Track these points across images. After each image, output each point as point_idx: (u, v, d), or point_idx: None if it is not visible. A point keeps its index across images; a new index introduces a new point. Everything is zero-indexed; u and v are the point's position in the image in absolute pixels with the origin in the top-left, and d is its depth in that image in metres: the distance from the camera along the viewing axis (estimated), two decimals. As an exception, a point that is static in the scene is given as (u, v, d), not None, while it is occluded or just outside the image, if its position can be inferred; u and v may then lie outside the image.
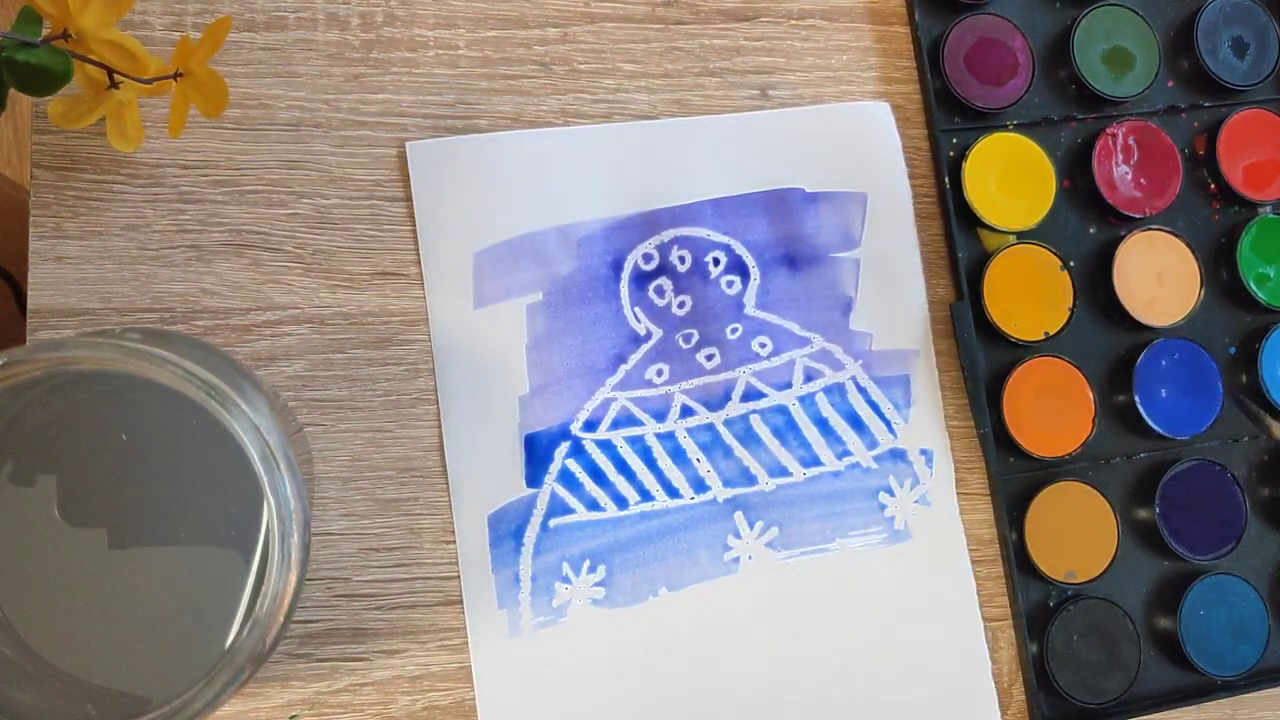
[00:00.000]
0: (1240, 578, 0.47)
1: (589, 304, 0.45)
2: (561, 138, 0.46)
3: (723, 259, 0.46)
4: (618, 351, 0.45)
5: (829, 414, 0.46)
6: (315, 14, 0.45)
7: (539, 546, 0.43)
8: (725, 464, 0.45)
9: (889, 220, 0.48)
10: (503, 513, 0.43)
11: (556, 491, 0.44)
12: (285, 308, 0.44)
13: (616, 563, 0.44)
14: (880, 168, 0.48)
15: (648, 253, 0.46)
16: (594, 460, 0.44)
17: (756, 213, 0.47)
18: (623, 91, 0.47)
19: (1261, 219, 0.50)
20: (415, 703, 0.42)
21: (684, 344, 0.46)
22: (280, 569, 0.31)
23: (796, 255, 0.47)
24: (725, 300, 0.46)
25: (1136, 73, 0.50)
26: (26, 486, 0.33)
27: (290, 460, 0.32)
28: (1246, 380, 0.49)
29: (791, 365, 0.46)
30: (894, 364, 0.47)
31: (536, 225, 0.45)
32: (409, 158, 0.45)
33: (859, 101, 0.49)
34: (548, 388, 0.45)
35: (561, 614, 0.43)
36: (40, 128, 0.43)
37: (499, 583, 0.43)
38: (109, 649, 0.33)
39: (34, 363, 0.31)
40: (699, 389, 0.46)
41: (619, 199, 0.46)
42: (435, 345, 0.44)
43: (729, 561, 0.45)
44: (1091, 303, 0.49)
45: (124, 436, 0.33)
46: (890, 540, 0.46)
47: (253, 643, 0.31)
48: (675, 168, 0.47)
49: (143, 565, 0.33)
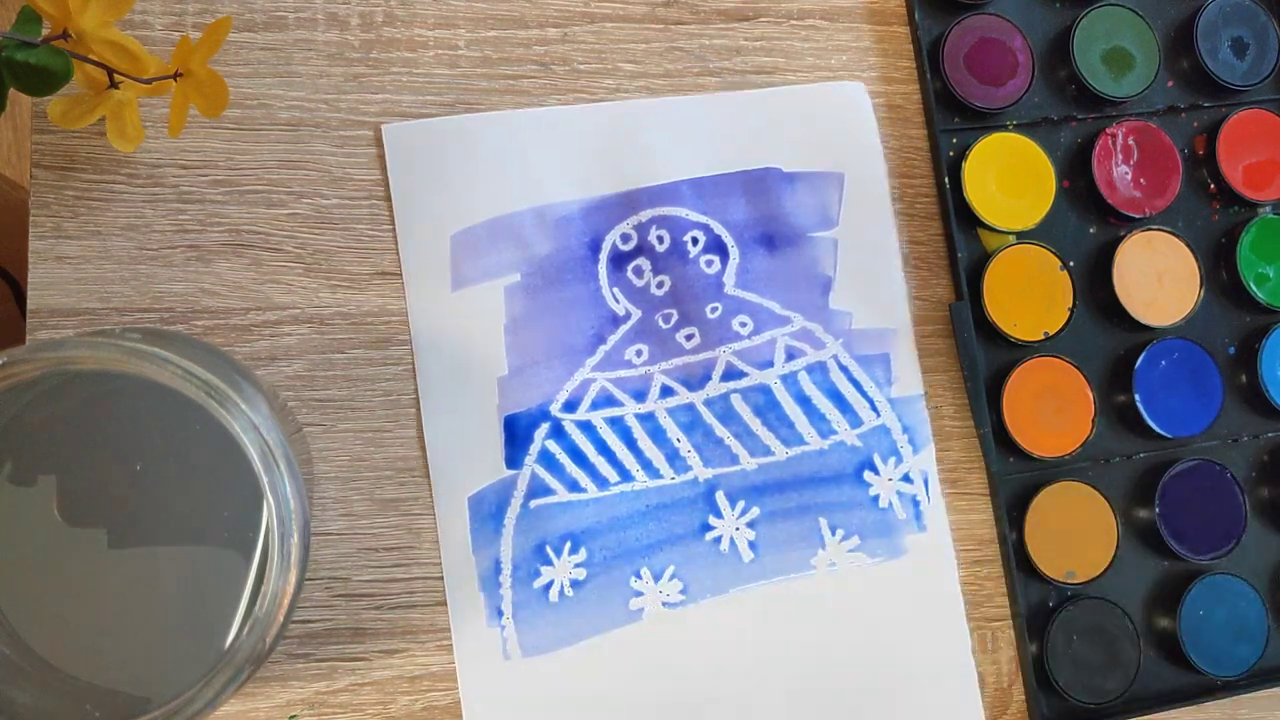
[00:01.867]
0: (1240, 578, 0.47)
1: (567, 285, 0.45)
2: (538, 119, 0.46)
3: (701, 238, 0.46)
4: (596, 332, 0.45)
5: (812, 392, 0.46)
6: (315, 14, 0.45)
7: (520, 528, 0.43)
8: (706, 444, 0.45)
9: (866, 200, 0.48)
10: (483, 495, 0.43)
11: (537, 472, 0.44)
12: (285, 308, 0.44)
13: (598, 543, 0.44)
14: (857, 147, 0.48)
15: (626, 233, 0.46)
16: (574, 441, 0.44)
17: (734, 192, 0.47)
18: (623, 91, 0.47)
19: (1261, 219, 0.50)
20: (415, 703, 0.42)
21: (663, 324, 0.46)
22: (280, 569, 0.31)
23: (775, 235, 0.47)
24: (704, 280, 0.46)
25: (1136, 73, 0.50)
26: (26, 486, 0.33)
27: (290, 460, 0.32)
28: (1246, 380, 0.49)
29: (773, 344, 0.46)
30: (874, 343, 0.47)
31: (514, 206, 0.45)
32: (384, 140, 0.45)
33: (835, 82, 0.49)
34: (526, 369, 0.44)
35: (544, 598, 0.43)
36: (40, 127, 0.43)
37: (479, 564, 0.43)
38: (109, 649, 0.33)
39: (34, 363, 0.32)
40: (679, 369, 0.46)
41: (596, 180, 0.46)
42: (413, 328, 0.44)
43: (710, 542, 0.45)
44: (1091, 303, 0.49)
45: (124, 437, 0.33)
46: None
47: (252, 643, 0.31)
48: (653, 148, 0.47)
49: (142, 565, 0.33)
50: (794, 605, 0.45)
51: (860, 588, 0.45)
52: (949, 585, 0.46)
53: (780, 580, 0.45)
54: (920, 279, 0.48)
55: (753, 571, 0.45)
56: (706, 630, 0.44)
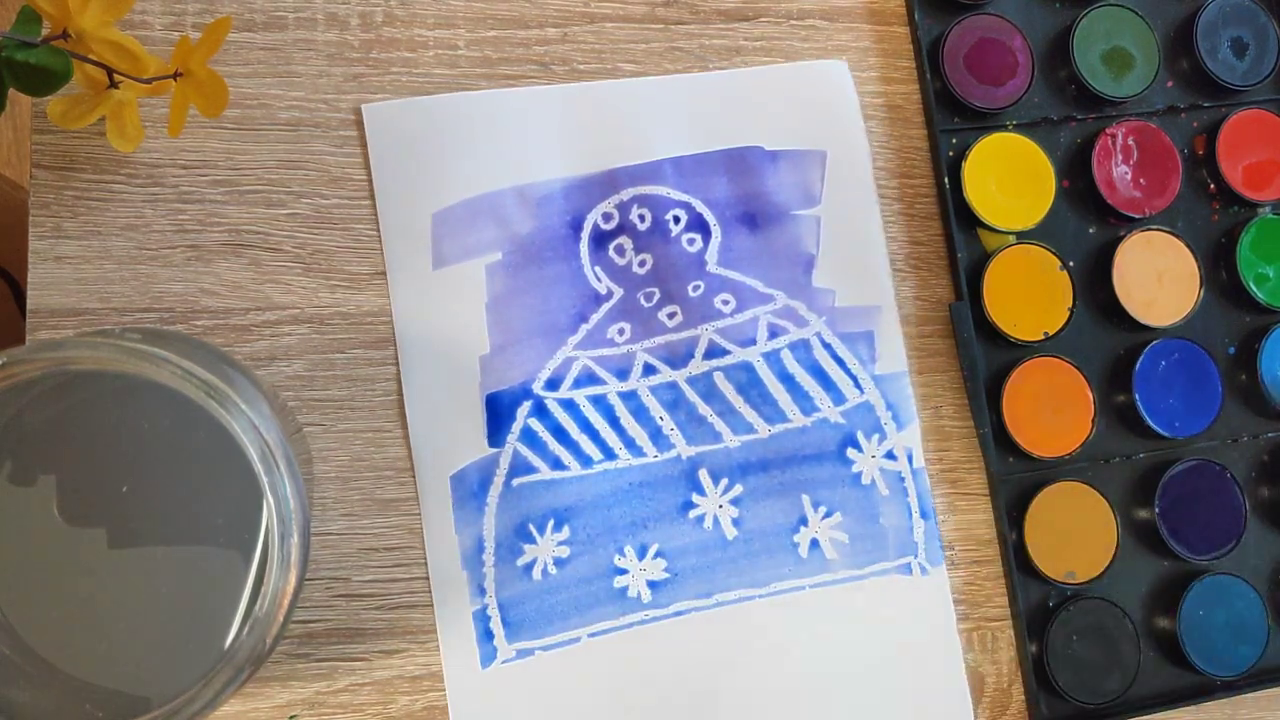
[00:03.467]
0: (1240, 578, 0.47)
1: (548, 263, 0.45)
2: (520, 98, 0.46)
3: (683, 217, 0.46)
4: (578, 310, 0.45)
5: (795, 370, 0.46)
6: (315, 14, 0.45)
7: (502, 506, 0.43)
8: (689, 422, 0.45)
9: (848, 178, 0.48)
10: (465, 472, 0.43)
11: (519, 451, 0.44)
12: (285, 308, 0.44)
13: (581, 522, 0.44)
14: (839, 126, 0.48)
15: (607, 212, 0.46)
16: (556, 419, 0.44)
17: (716, 171, 0.47)
18: (622, 91, 0.47)
19: (1261, 219, 0.50)
20: (415, 703, 0.42)
21: (645, 302, 0.46)
22: (280, 569, 0.31)
23: (757, 213, 0.47)
24: (686, 258, 0.46)
25: (1136, 73, 0.50)
26: (26, 486, 0.33)
27: (290, 460, 0.32)
28: (1246, 380, 0.49)
29: (755, 322, 0.46)
30: (858, 320, 0.47)
31: (495, 185, 0.45)
32: (365, 119, 0.45)
33: (817, 60, 0.49)
34: (509, 347, 0.45)
35: (527, 577, 0.43)
36: (40, 127, 0.43)
37: (462, 542, 0.43)
38: (109, 649, 0.33)
39: (33, 363, 0.32)
40: (661, 347, 0.46)
41: (578, 159, 0.46)
42: (394, 306, 0.44)
43: (693, 520, 0.45)
44: (1091, 303, 0.49)
45: (124, 437, 0.33)
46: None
47: (252, 643, 0.31)
48: (634, 127, 0.47)
49: (142, 565, 0.33)
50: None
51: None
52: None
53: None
54: (920, 279, 0.48)
55: (737, 549, 0.45)
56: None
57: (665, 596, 0.44)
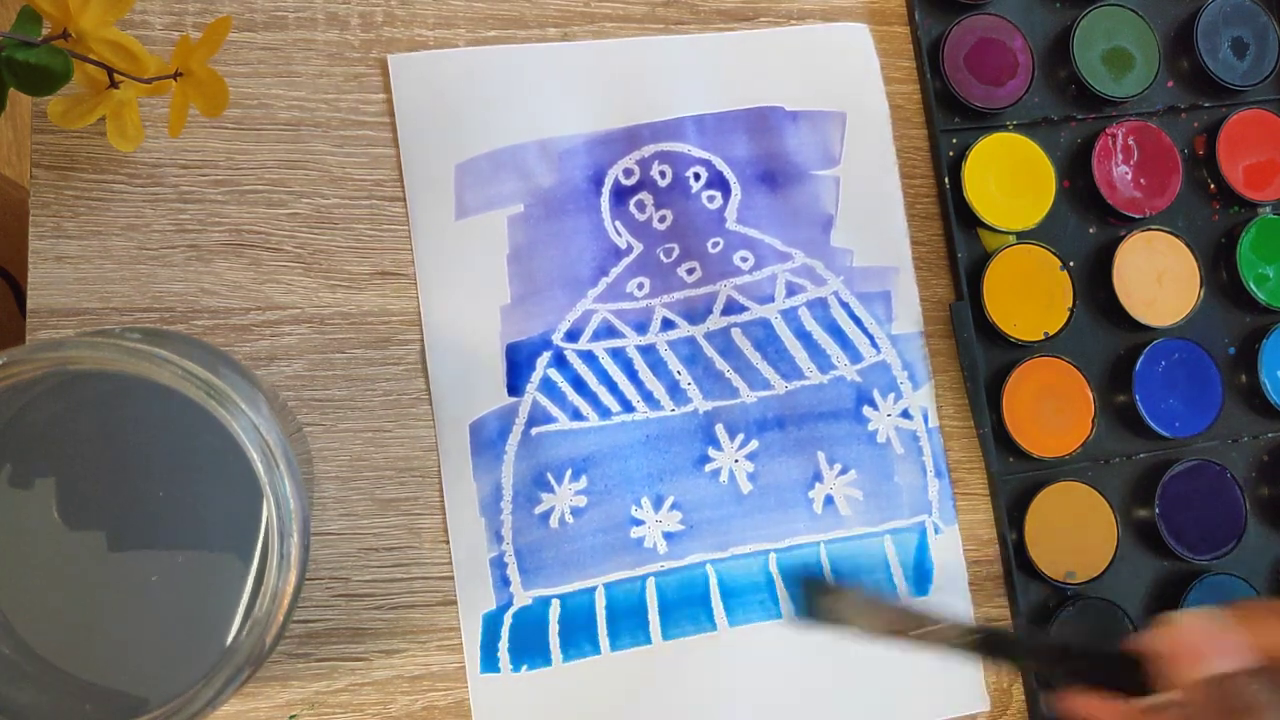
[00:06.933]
0: (1240, 578, 0.47)
1: (569, 217, 0.46)
2: (545, 54, 0.46)
3: (703, 174, 0.47)
4: (598, 264, 0.46)
5: (812, 327, 0.46)
6: (315, 14, 0.45)
7: (521, 454, 0.44)
8: (706, 376, 0.46)
9: (868, 139, 0.48)
10: (484, 420, 0.44)
11: (538, 400, 0.44)
12: (285, 307, 0.44)
13: (598, 472, 0.44)
14: (859, 88, 0.49)
15: (628, 167, 0.46)
16: (575, 370, 0.45)
17: (738, 130, 0.47)
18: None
19: (1261, 219, 0.50)
20: (415, 703, 0.42)
21: (664, 258, 0.46)
22: (280, 569, 0.31)
23: (777, 172, 0.47)
24: (706, 214, 0.46)
25: (1136, 73, 0.50)
26: (26, 487, 0.33)
27: (290, 460, 0.32)
28: (1246, 380, 0.49)
29: (773, 279, 0.46)
30: (875, 280, 0.47)
31: (518, 139, 0.46)
32: (390, 70, 0.45)
33: (838, 23, 0.49)
34: (529, 298, 0.45)
35: (544, 524, 0.43)
36: (40, 127, 0.43)
37: (480, 490, 0.43)
38: (109, 649, 0.33)
39: (33, 362, 0.31)
40: (680, 302, 0.46)
41: (600, 114, 0.46)
42: (417, 256, 0.44)
43: (709, 474, 0.45)
44: (1091, 303, 0.49)
45: (124, 437, 0.33)
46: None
47: (252, 643, 0.31)
48: (657, 85, 0.47)
49: (142, 565, 0.33)
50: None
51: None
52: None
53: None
54: (920, 279, 0.48)
55: (752, 504, 0.45)
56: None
57: (681, 548, 0.44)
